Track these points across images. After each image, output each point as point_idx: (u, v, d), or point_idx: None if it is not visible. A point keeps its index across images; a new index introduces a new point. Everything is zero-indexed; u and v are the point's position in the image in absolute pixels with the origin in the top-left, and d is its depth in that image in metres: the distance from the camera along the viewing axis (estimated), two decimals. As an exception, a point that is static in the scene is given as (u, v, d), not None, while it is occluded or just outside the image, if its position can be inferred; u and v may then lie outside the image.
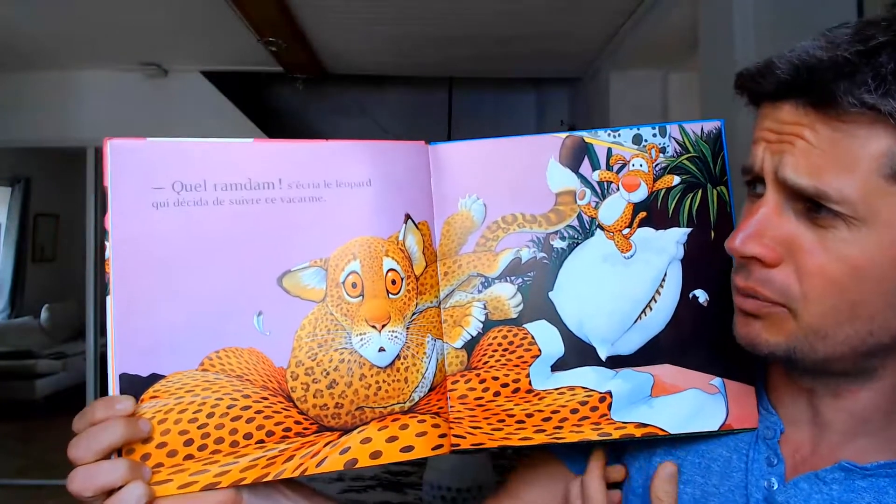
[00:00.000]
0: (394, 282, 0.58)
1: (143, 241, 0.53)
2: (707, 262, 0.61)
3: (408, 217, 0.59)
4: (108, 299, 0.53)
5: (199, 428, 0.54)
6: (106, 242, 0.53)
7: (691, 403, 0.61)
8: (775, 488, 0.55)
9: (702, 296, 0.61)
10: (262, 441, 0.55)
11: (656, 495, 0.59)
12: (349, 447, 0.57)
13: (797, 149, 0.48)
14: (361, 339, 0.57)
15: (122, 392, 0.52)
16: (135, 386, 0.53)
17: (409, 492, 3.57)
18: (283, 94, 4.93)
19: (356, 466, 0.57)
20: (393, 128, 4.97)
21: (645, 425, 0.60)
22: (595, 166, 0.61)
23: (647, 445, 0.64)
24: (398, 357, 0.58)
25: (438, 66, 4.11)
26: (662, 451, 0.63)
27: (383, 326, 0.58)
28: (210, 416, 0.54)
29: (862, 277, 0.47)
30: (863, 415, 0.54)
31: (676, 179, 0.61)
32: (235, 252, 0.55)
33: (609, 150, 0.61)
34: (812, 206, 0.48)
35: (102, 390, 3.95)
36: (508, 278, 0.61)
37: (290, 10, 3.01)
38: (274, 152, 0.57)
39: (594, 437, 0.60)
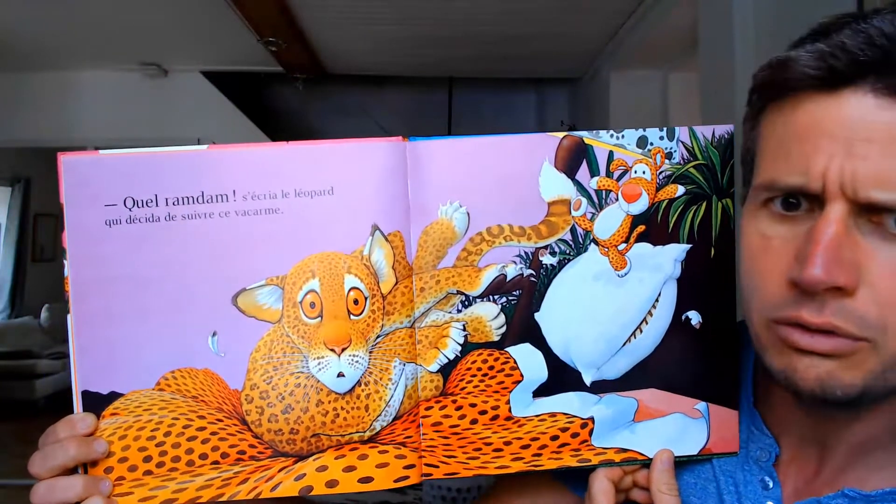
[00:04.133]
0: (356, 301, 0.54)
1: (98, 259, 0.53)
2: (704, 282, 0.57)
3: (375, 228, 0.54)
4: (69, 317, 0.54)
5: (156, 445, 0.54)
6: (64, 260, 0.53)
7: (673, 428, 0.58)
8: None
9: (695, 317, 0.57)
10: (216, 462, 0.54)
11: (658, 489, 0.55)
12: (304, 474, 0.55)
13: (873, 153, 0.40)
14: (319, 364, 0.54)
15: (84, 408, 0.54)
16: (96, 403, 0.54)
17: (410, 492, 3.57)
18: (283, 94, 4.92)
19: (312, 493, 0.55)
20: (393, 128, 4.96)
21: (625, 450, 0.58)
22: (594, 172, 0.55)
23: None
24: (359, 383, 0.54)
25: (438, 66, 4.10)
26: None
27: (343, 350, 0.54)
28: (167, 434, 0.54)
29: None
30: (869, 436, 0.50)
31: (681, 190, 0.56)
32: (189, 270, 0.53)
33: (610, 153, 0.55)
34: (879, 220, 0.42)
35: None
36: (491, 297, 0.55)
37: (290, 10, 3.01)
38: (228, 160, 0.54)
39: (573, 463, 0.57)
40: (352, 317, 0.54)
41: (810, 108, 0.43)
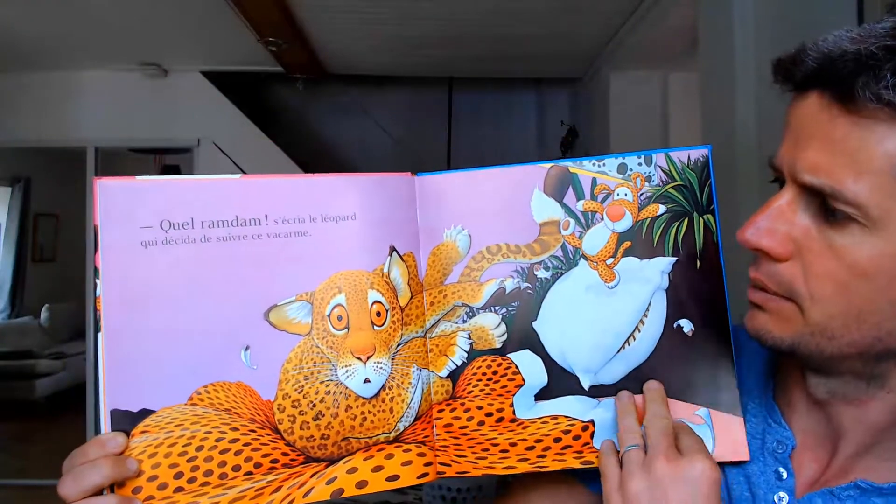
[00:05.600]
0: (378, 314, 0.59)
1: (132, 279, 0.55)
2: (692, 292, 0.60)
3: (392, 249, 0.60)
4: (99, 336, 0.54)
5: (188, 461, 0.55)
6: (96, 280, 0.54)
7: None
8: (786, 502, 0.54)
9: (686, 325, 0.60)
10: (250, 473, 0.56)
11: (649, 433, 0.55)
12: (335, 477, 0.57)
13: (815, 145, 0.47)
14: (347, 371, 0.58)
15: (113, 427, 0.53)
16: (125, 421, 0.54)
17: (410, 492, 3.57)
18: (283, 94, 4.92)
19: (343, 496, 0.58)
20: (393, 128, 4.96)
21: None
22: (579, 196, 0.61)
23: None
24: (383, 388, 0.59)
25: (438, 66, 4.10)
26: None
27: (368, 358, 0.59)
28: (199, 449, 0.55)
29: (870, 282, 0.46)
30: (877, 427, 0.52)
31: (662, 209, 0.60)
32: (223, 288, 0.56)
33: (594, 179, 0.61)
34: (826, 207, 0.47)
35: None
36: (493, 308, 0.61)
37: (290, 10, 3.01)
38: (260, 188, 0.58)
39: (576, 464, 0.60)
40: (375, 328, 0.59)
41: (794, 103, 0.51)
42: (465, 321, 0.61)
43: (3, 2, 2.85)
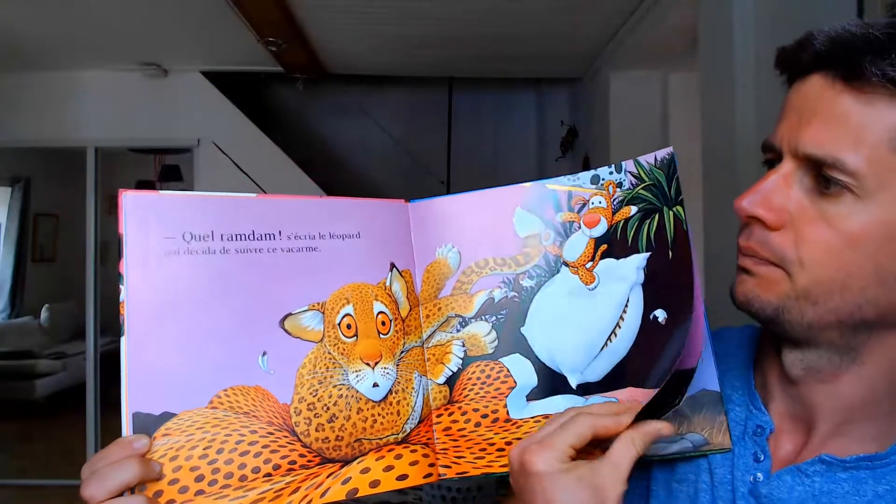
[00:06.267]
0: (383, 323, 0.64)
1: (155, 286, 0.57)
2: (666, 282, 0.62)
3: (393, 265, 0.66)
4: (122, 340, 0.55)
5: (209, 464, 0.56)
6: (120, 286, 0.56)
7: None
8: (760, 481, 0.57)
9: (661, 315, 0.62)
10: (269, 475, 0.58)
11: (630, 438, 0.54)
12: (350, 477, 0.60)
13: (818, 120, 0.50)
14: (357, 376, 0.62)
15: (134, 430, 0.54)
16: (147, 424, 0.55)
17: (410, 492, 3.57)
18: (283, 94, 4.93)
19: (357, 496, 0.60)
20: (393, 128, 4.97)
21: None
22: (558, 209, 0.65)
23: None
24: (390, 392, 0.63)
25: (438, 66, 4.11)
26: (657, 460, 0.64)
27: (376, 364, 0.63)
28: (220, 451, 0.56)
29: (858, 249, 0.50)
30: (848, 406, 0.55)
31: (634, 209, 0.64)
32: (241, 297, 0.59)
33: (570, 192, 0.66)
34: (822, 181, 0.50)
35: (103, 391, 3.95)
36: (483, 317, 0.65)
37: (290, 10, 3.01)
38: (276, 206, 0.62)
39: None
40: (381, 336, 0.63)
41: (795, 88, 0.54)
42: (458, 330, 0.66)
43: (3, 2, 2.85)
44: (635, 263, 0.63)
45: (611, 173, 0.65)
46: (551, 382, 0.64)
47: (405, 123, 5.03)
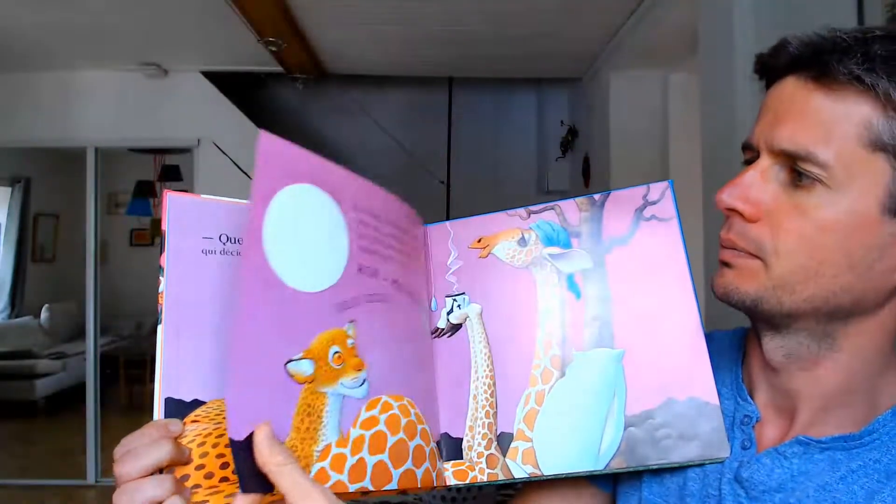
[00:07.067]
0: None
1: (192, 280, 0.60)
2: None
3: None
4: (160, 328, 0.57)
5: None
6: (161, 277, 0.58)
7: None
8: (743, 466, 0.59)
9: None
10: None
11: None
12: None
13: (792, 118, 0.53)
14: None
15: (166, 415, 0.55)
16: (178, 410, 0.56)
17: (410, 492, 3.56)
18: (283, 94, 4.93)
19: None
20: (393, 128, 4.97)
21: None
22: None
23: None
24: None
25: (438, 66, 4.11)
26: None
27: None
28: None
29: (829, 237, 0.52)
30: (827, 391, 0.58)
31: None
32: None
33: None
34: (796, 174, 0.54)
35: (102, 390, 3.95)
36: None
37: (290, 10, 3.01)
38: None
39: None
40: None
41: (771, 91, 0.57)
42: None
43: (3, 2, 2.85)
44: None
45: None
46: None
47: (405, 123, 5.03)
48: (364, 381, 0.60)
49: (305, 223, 0.58)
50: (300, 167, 0.59)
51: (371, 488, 0.57)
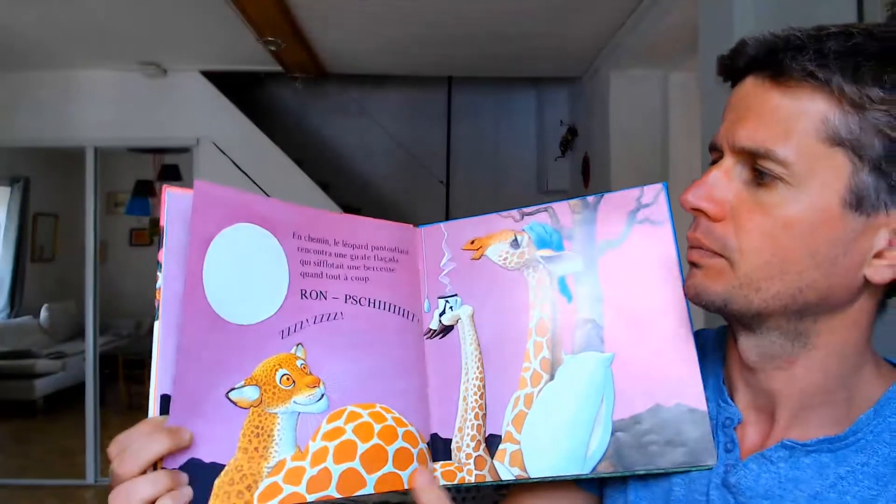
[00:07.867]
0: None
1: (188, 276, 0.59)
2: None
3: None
4: (157, 324, 0.57)
5: None
6: (158, 273, 0.58)
7: None
8: (730, 470, 0.59)
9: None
10: None
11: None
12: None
13: (752, 116, 0.54)
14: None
15: (161, 412, 0.55)
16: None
17: (410, 492, 3.56)
18: (282, 94, 4.93)
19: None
20: (392, 127, 4.97)
21: None
22: None
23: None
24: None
25: (438, 66, 4.11)
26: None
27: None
28: None
29: (792, 233, 0.53)
30: (804, 390, 0.58)
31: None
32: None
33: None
34: (757, 172, 0.54)
35: (102, 390, 3.95)
36: None
37: (290, 10, 3.01)
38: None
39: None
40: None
41: (733, 93, 0.58)
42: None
43: (3, 2, 2.85)
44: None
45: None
46: None
47: (405, 123, 5.03)
48: (322, 395, 0.61)
49: (244, 261, 0.59)
50: (236, 208, 0.60)
51: (338, 496, 0.59)
